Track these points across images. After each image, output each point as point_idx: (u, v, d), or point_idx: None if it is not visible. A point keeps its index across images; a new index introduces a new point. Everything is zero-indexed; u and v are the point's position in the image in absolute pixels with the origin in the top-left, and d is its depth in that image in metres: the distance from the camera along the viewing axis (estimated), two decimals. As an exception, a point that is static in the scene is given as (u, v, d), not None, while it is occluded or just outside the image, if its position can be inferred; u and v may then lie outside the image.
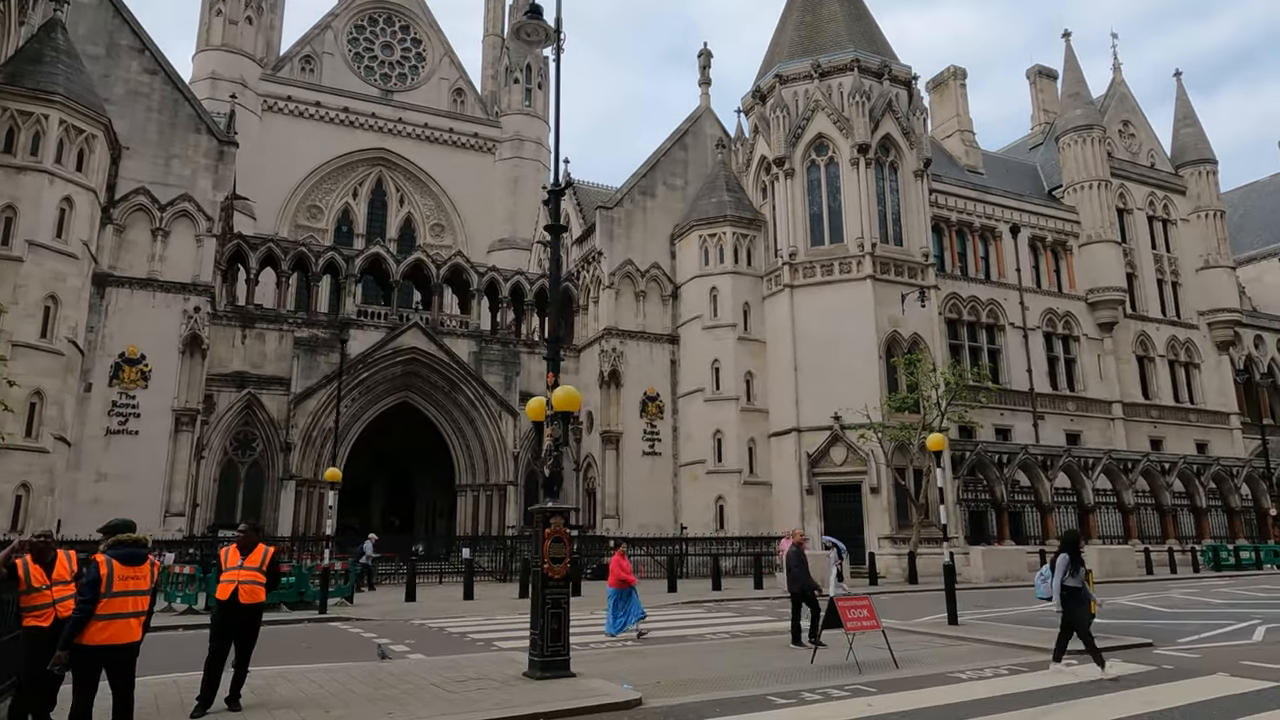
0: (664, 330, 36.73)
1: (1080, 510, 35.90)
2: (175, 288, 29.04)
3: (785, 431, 32.81)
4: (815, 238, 34.02)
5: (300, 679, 9.06)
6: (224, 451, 31.84)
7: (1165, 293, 45.69)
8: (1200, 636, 12.67)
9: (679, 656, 11.09)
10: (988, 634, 12.75)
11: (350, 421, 33.90)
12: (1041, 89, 53.48)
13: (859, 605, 10.53)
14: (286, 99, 49.63)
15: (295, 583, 17.98)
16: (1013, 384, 39.11)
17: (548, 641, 8.91)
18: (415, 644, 12.83)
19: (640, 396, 35.57)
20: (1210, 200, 47.59)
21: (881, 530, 30.19)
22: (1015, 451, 34.21)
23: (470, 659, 10.57)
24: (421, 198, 53.14)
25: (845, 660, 10.33)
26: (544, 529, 9.13)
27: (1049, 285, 42.21)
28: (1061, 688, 8.86)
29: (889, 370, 31.43)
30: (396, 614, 17.55)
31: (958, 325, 38.79)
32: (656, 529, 33.17)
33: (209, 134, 30.68)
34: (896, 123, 34.71)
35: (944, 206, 39.72)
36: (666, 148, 39.21)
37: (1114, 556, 29.89)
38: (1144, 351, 43.75)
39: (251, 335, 32.73)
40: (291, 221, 48.80)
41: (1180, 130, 49.66)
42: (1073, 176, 43.96)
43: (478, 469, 35.46)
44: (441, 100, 54.43)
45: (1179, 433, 43.41)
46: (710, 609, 19.02)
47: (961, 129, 46.46)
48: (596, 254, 36.82)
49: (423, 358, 34.52)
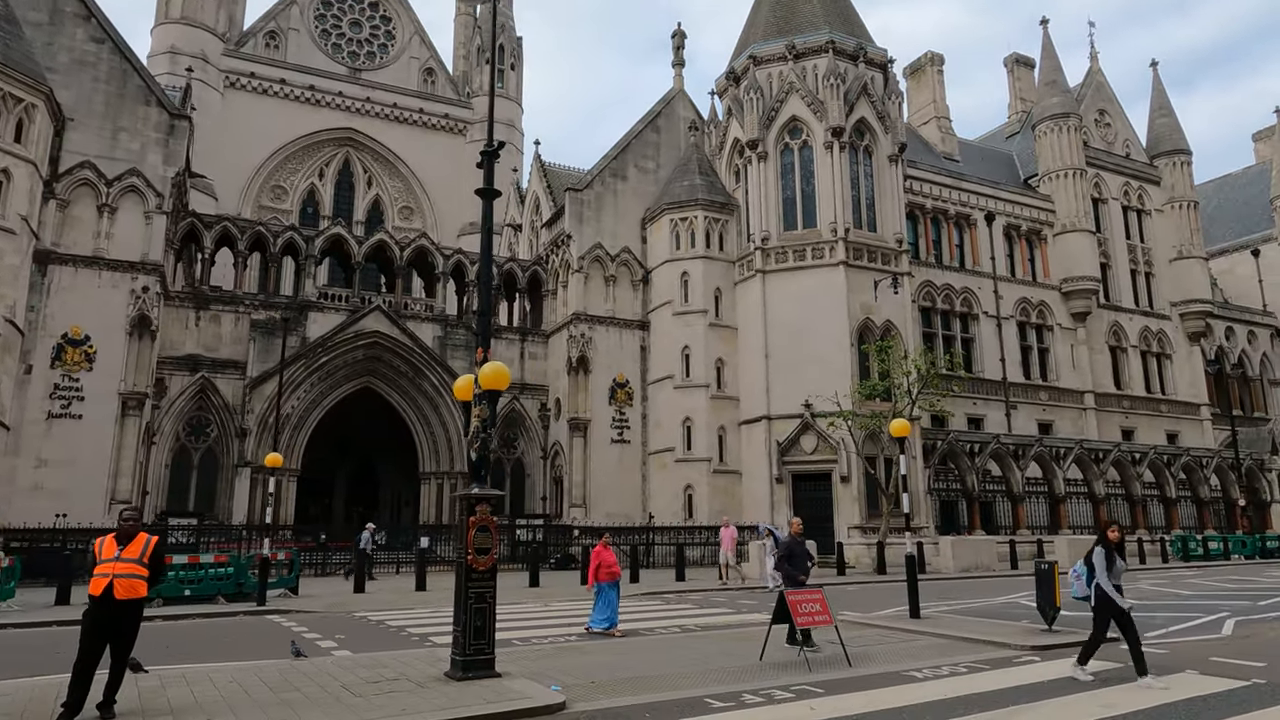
0: (634, 316, 35.99)
1: (1051, 500, 35.72)
2: (123, 266, 27.86)
3: (756, 419, 32.25)
4: (788, 222, 33.40)
5: (200, 680, 8.29)
6: (176, 437, 30.78)
7: (1139, 283, 45.60)
8: (1169, 630, 12.21)
9: (624, 653, 10.43)
10: (950, 628, 12.21)
11: (310, 407, 32.94)
12: (1019, 77, 53.16)
13: (811, 599, 9.91)
14: (250, 75, 48.16)
15: (234, 573, 17.13)
16: (986, 373, 38.83)
17: (470, 639, 8.20)
18: (346, 639, 12.08)
19: (609, 383, 34.85)
20: (1184, 191, 47.53)
21: (851, 520, 29.75)
22: (987, 441, 33.89)
23: (397, 656, 9.85)
24: (390, 179, 51.92)
25: (796, 657, 9.72)
26: (468, 517, 8.41)
27: (1023, 274, 41.93)
28: (1021, 688, 8.30)
29: (861, 358, 30.94)
30: (342, 606, 16.77)
31: (931, 313, 38.39)
32: (624, 518, 32.58)
33: (159, 106, 29.43)
34: (872, 106, 34.11)
35: (919, 193, 39.25)
36: (639, 130, 38.38)
37: (1083, 547, 29.40)
38: (1117, 342, 43.65)
39: (206, 317, 31.62)
40: (255, 202, 47.46)
41: (1156, 120, 49.53)
42: (1048, 165, 43.67)
43: (441, 456, 34.61)
44: (411, 80, 53.15)
45: (1150, 423, 43.40)
46: (670, 601, 18.41)
47: (938, 115, 46.00)
48: (565, 237, 35.98)
49: (385, 342, 33.55)
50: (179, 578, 16.46)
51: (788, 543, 11.61)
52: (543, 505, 35.45)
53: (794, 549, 11.43)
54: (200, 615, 15.18)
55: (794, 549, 11.43)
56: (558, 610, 16.01)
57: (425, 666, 8.98)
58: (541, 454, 36.11)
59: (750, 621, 13.65)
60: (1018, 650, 10.47)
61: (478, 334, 36.14)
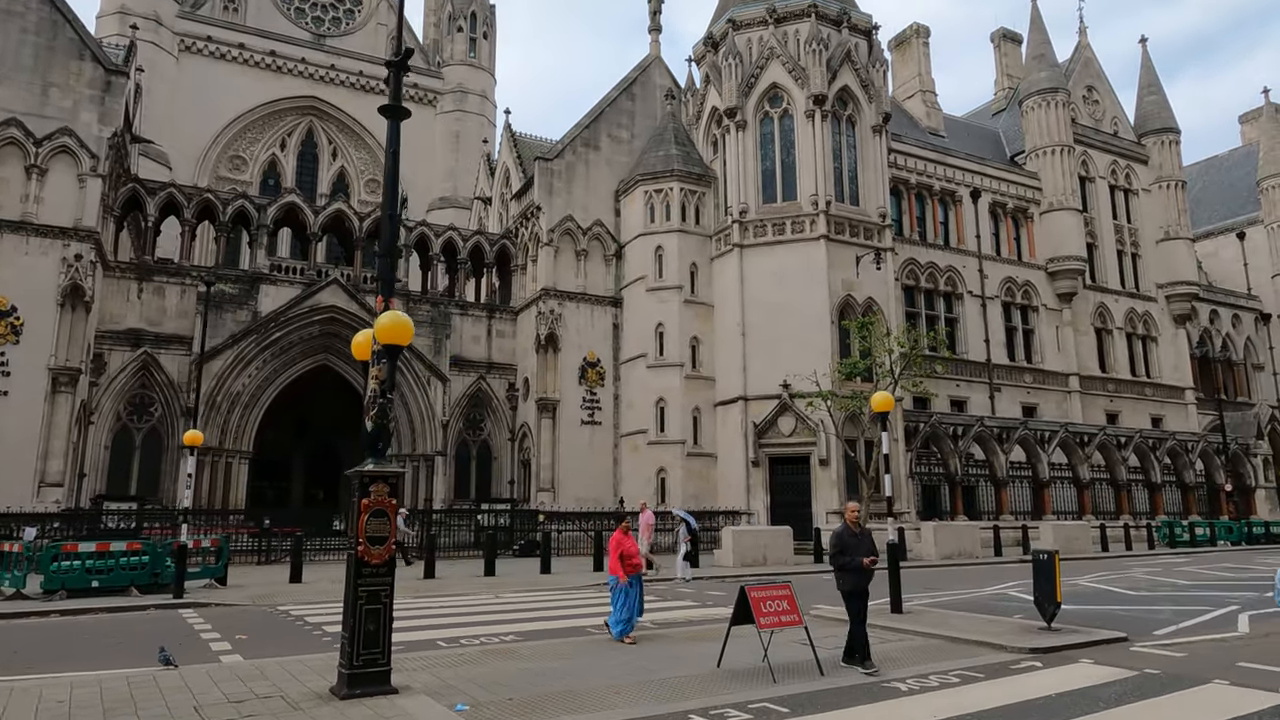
0: (606, 292, 34.41)
1: (1035, 485, 34.68)
2: (53, 232, 25.90)
3: (732, 400, 30.85)
4: (767, 195, 31.89)
5: (22, 698, 6.74)
6: (117, 416, 28.92)
7: (1125, 264, 44.54)
8: (1179, 627, 10.92)
9: (560, 658, 8.98)
10: (936, 625, 10.85)
11: (262, 385, 31.13)
12: (1005, 53, 51.79)
13: (777, 595, 8.49)
14: (206, 39, 45.85)
15: (149, 562, 15.49)
16: (970, 354, 37.63)
17: (360, 648, 6.71)
18: (247, 639, 10.55)
19: (580, 362, 33.28)
20: (1172, 170, 46.45)
21: (830, 505, 28.46)
22: (971, 423, 32.71)
23: (289, 664, 8.33)
24: (356, 151, 49.84)
25: (759, 663, 8.31)
26: (360, 498, 6.90)
27: (1009, 253, 40.70)
28: (1028, 705, 6.92)
29: (842, 335, 29.57)
30: (269, 598, 15.20)
31: (915, 292, 37.10)
32: (595, 502, 31.14)
33: (94, 62, 27.38)
34: (855, 74, 32.59)
35: (903, 168, 37.84)
36: (613, 97, 36.63)
37: (1069, 533, 28.54)
38: (1102, 324, 42.61)
39: (149, 289, 29.71)
40: (212, 173, 45.30)
41: (1144, 98, 48.35)
42: (1035, 141, 42.37)
43: (403, 439, 32.92)
44: (379, 47, 50.93)
45: (1134, 407, 42.47)
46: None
47: (923, 89, 44.59)
48: (535, 209, 34.27)
49: (343, 317, 31.74)
50: (86, 567, 14.82)
51: (840, 533, 8.95)
52: (510, 489, 33.93)
53: (846, 542, 8.84)
54: (103, 610, 13.58)
55: (846, 542, 8.84)
56: (505, 603, 14.55)
57: (314, 679, 7.47)
58: (509, 436, 34.55)
59: (715, 617, 12.25)
60: (1016, 653, 9.12)
61: (437, 306, 34.22)
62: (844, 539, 8.89)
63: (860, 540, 8.88)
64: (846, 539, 8.88)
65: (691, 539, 19.32)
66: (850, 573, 8.81)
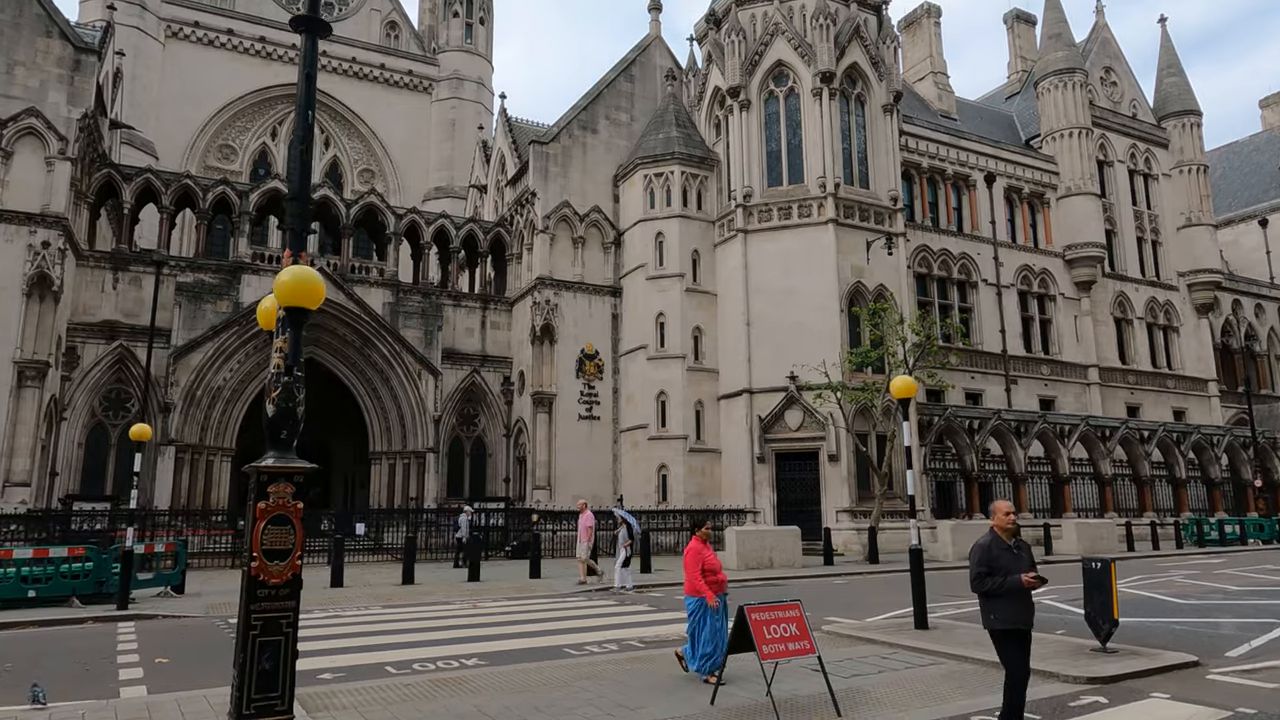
0: (605, 281, 32.94)
1: (1054, 481, 33.09)
2: (18, 219, 24.57)
3: (736, 393, 29.36)
4: (772, 177, 30.37)
5: None
6: (91, 412, 27.61)
7: (1145, 252, 42.84)
8: (1252, 647, 9.39)
9: (521, 691, 7.53)
10: (971, 647, 9.33)
11: (245, 380, 29.73)
12: (1019, 35, 50.01)
13: (784, 618, 7.01)
14: (194, 25, 44.50)
15: (94, 569, 14.10)
16: (984, 345, 36.03)
17: (251, 690, 5.27)
18: (171, 663, 9.13)
19: (577, 354, 31.84)
20: (1193, 154, 44.69)
21: (840, 503, 26.98)
22: (987, 417, 31.14)
23: (190, 701, 6.91)
24: (349, 140, 48.46)
25: (760, 698, 6.85)
26: (257, 501, 5.47)
27: (1025, 240, 39.06)
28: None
29: (851, 324, 28.08)
30: (226, 608, 13.78)
31: (927, 280, 35.51)
32: (593, 501, 29.55)
33: (64, 39, 26.02)
34: (864, 51, 31.02)
35: (915, 150, 36.23)
36: (611, 78, 35.12)
37: (1094, 531, 27.00)
38: (1122, 313, 40.95)
39: (125, 279, 28.38)
40: (200, 162, 43.95)
41: (1164, 80, 46.58)
42: (1052, 124, 40.70)
43: (394, 435, 31.56)
44: (373, 34, 49.59)
45: (1156, 399, 40.82)
46: (625, 599, 15.53)
47: (935, 71, 42.93)
48: (530, 195, 32.80)
49: (329, 308, 30.22)
50: (21, 575, 13.45)
51: (985, 545, 6.22)
52: (505, 488, 32.53)
53: (996, 558, 6.12)
54: (33, 624, 12.20)
55: (996, 558, 6.12)
56: (481, 615, 13.12)
57: (213, 723, 6.03)
58: (504, 432, 33.14)
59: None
60: (1072, 684, 7.62)
61: (428, 297, 32.77)
62: (992, 553, 6.09)
63: (1019, 555, 6.15)
64: (997, 553, 6.09)
65: (632, 543, 17.03)
66: (1005, 600, 6.00)
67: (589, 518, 18.45)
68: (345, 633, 11.24)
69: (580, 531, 18.42)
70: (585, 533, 18.21)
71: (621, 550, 16.41)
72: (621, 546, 16.46)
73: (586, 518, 18.45)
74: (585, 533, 18.21)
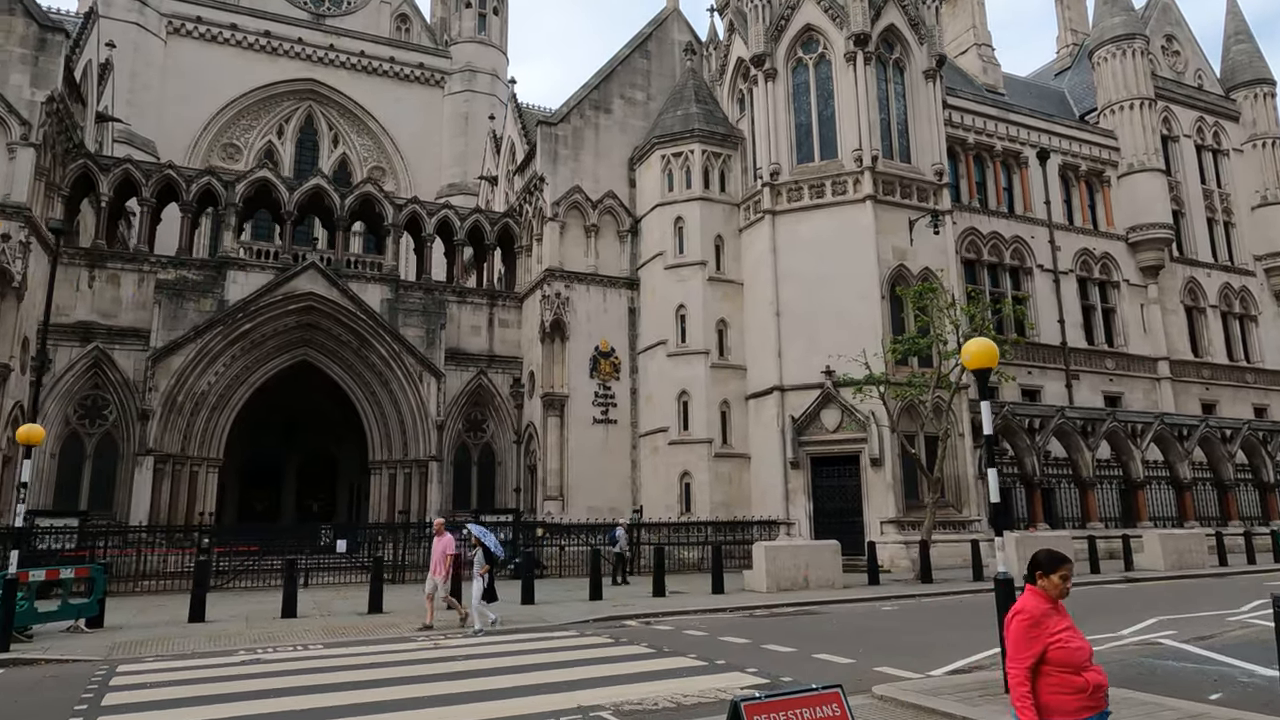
0: (620, 272, 30.24)
1: (1126, 486, 29.62)
2: (-24, 209, 22.61)
3: (766, 391, 26.43)
4: (802, 153, 27.45)
5: None
6: (65, 420, 25.52)
7: (1216, 233, 39.05)
8: None
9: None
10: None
11: (233, 384, 27.50)
12: (1069, 6, 46.53)
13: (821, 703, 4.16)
14: (195, 20, 42.87)
15: (-20, 601, 11.73)
16: (1041, 337, 32.65)
17: None
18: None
19: (591, 352, 29.15)
20: (1268, 126, 40.80)
21: (885, 513, 23.87)
22: (1050, 414, 27.83)
23: None
24: (359, 137, 46.47)
25: None
26: None
27: (1083, 222, 35.60)
28: None
29: (894, 312, 25.04)
30: (132, 648, 11.27)
31: (976, 266, 32.28)
32: (610, 512, 26.81)
33: (26, 16, 24.07)
34: (902, 11, 28.02)
35: (959, 125, 33.08)
36: (625, 54, 32.50)
37: (1179, 543, 23.48)
38: (1193, 301, 37.21)
39: (102, 277, 26.34)
40: (204, 162, 42.07)
41: (1231, 48, 42.77)
42: (1110, 96, 37.24)
43: (394, 442, 29.08)
44: (382, 26, 47.63)
45: (1234, 395, 36.98)
46: (621, 634, 12.70)
47: (978, 43, 39.77)
48: (538, 180, 30.26)
49: (322, 305, 28.04)
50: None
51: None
52: (515, 498, 29.91)
53: None
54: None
55: None
56: (439, 657, 10.38)
57: None
58: (515, 438, 30.54)
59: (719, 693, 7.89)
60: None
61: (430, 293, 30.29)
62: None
63: None
64: None
65: (491, 569, 13.37)
66: None
67: (447, 542, 13.85)
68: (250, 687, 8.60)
69: (433, 559, 13.80)
70: (440, 560, 13.64)
71: (478, 579, 12.77)
72: (477, 575, 12.82)
73: (444, 542, 13.82)
74: (440, 560, 13.64)
